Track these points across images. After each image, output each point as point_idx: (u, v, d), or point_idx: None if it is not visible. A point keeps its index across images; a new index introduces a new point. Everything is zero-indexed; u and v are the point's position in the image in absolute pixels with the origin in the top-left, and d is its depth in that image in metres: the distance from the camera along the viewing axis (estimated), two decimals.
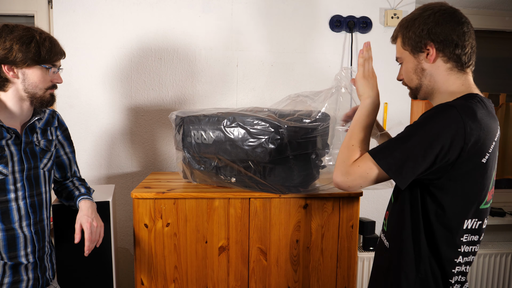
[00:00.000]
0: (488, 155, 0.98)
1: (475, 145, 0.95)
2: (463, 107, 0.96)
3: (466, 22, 1.06)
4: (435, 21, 1.04)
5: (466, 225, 1.02)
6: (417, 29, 1.07)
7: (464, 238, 1.03)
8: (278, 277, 1.55)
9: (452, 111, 0.96)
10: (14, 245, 1.23)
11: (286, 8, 2.13)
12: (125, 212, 2.13)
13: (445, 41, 1.04)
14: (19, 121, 1.27)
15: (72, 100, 2.04)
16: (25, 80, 1.22)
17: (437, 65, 1.07)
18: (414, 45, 1.08)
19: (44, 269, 1.32)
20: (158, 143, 2.13)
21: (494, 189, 1.10)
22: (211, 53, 2.11)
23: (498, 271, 2.45)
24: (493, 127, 1.00)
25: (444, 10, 1.05)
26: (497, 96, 2.48)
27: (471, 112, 0.95)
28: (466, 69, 1.07)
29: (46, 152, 1.34)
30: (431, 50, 1.06)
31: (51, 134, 1.38)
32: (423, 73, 1.09)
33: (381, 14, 2.19)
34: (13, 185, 1.22)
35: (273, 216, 1.52)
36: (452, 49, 1.05)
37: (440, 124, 0.96)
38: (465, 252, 1.04)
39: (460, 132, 0.94)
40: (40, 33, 1.23)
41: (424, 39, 1.06)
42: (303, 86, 2.17)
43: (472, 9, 2.41)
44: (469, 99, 1.00)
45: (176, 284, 1.52)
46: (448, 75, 1.07)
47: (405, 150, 0.98)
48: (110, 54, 2.04)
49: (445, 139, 0.94)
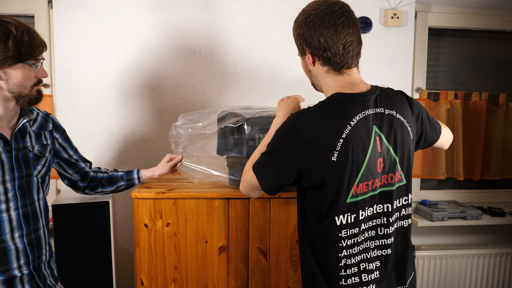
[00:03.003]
0: (336, 153, 1.02)
1: (314, 146, 1.02)
2: (297, 117, 1.06)
3: (336, 24, 1.06)
4: (306, 26, 1.08)
5: (339, 221, 1.07)
6: (295, 32, 1.13)
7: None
8: (278, 277, 1.56)
9: (287, 121, 1.08)
10: (5, 258, 1.16)
11: (286, 8, 2.13)
12: (125, 212, 2.13)
13: (316, 46, 1.08)
14: (6, 123, 1.20)
15: (72, 100, 2.04)
16: (8, 80, 1.14)
17: (317, 68, 1.13)
18: (298, 47, 1.16)
19: (43, 278, 1.26)
20: (158, 143, 2.13)
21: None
22: (211, 53, 2.11)
23: (498, 271, 2.45)
24: (335, 125, 1.02)
25: (316, 14, 1.07)
26: (497, 96, 2.48)
27: (301, 119, 1.05)
28: (342, 70, 1.10)
29: (40, 158, 1.26)
30: (308, 55, 1.12)
31: (45, 139, 1.31)
32: (311, 74, 1.18)
33: (381, 14, 2.19)
34: (4, 195, 1.14)
35: (273, 216, 1.53)
36: (322, 53, 1.08)
37: (282, 134, 1.08)
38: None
39: (297, 140, 1.03)
40: (16, 26, 1.12)
41: (302, 44, 1.12)
42: (303, 86, 2.17)
43: (472, 9, 2.41)
44: (322, 102, 1.08)
45: (176, 284, 1.52)
46: (326, 77, 1.13)
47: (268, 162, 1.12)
48: (110, 54, 2.04)
49: (288, 149, 1.05)
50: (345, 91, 1.08)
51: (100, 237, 1.53)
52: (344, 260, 1.08)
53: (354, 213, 1.06)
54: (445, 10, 2.39)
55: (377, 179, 1.07)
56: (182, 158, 1.59)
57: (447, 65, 2.51)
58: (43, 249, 1.26)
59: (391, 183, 1.10)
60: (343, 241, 1.07)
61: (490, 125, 2.48)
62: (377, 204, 1.09)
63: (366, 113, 1.05)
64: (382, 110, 1.07)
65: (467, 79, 2.54)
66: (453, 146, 2.42)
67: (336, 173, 1.03)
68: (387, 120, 1.07)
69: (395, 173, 1.10)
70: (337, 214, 1.06)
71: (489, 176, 2.52)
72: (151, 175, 1.57)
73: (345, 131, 1.02)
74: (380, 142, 1.06)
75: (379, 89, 1.12)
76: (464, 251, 2.42)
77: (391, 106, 1.09)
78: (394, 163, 1.09)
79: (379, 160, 1.06)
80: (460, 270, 2.43)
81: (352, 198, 1.05)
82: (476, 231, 2.56)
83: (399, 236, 1.14)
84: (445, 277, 2.43)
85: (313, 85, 1.21)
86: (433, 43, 2.44)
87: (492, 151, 2.50)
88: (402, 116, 1.10)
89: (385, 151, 1.07)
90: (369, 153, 1.05)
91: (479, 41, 2.52)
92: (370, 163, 1.05)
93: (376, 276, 1.10)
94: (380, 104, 1.08)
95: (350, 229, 1.07)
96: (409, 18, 2.22)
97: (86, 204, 1.51)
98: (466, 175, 2.47)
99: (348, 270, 1.08)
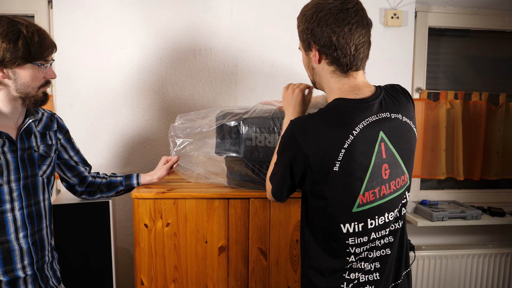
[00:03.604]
0: (338, 163, 0.98)
1: (314, 156, 0.99)
2: (296, 125, 1.03)
3: (350, 23, 0.99)
4: (317, 21, 1.01)
5: (345, 229, 1.04)
6: (303, 26, 1.05)
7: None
8: (278, 277, 1.56)
9: (287, 129, 1.05)
10: (10, 258, 1.15)
11: (286, 8, 2.13)
12: (125, 212, 2.13)
13: (326, 44, 1.02)
14: (12, 124, 1.20)
15: (72, 100, 2.04)
16: (16, 80, 1.14)
17: (322, 66, 1.07)
18: (304, 42, 1.08)
19: (46, 279, 1.25)
20: (158, 143, 2.13)
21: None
22: (211, 53, 2.11)
23: (498, 271, 2.45)
24: (337, 135, 0.98)
25: (329, 9, 1.00)
26: (497, 96, 2.48)
27: (301, 129, 1.01)
28: (349, 72, 1.04)
29: (45, 158, 1.27)
30: (315, 51, 1.05)
31: (50, 139, 1.31)
32: (314, 72, 1.11)
33: (381, 14, 2.19)
34: (9, 195, 1.15)
35: (273, 216, 1.53)
36: (332, 52, 1.02)
37: (283, 142, 1.06)
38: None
39: (297, 148, 1.01)
40: (27, 26, 1.13)
41: (309, 39, 1.05)
42: None
43: (472, 9, 2.41)
44: (323, 109, 1.04)
45: (176, 284, 1.52)
46: (330, 77, 1.07)
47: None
48: (110, 54, 2.04)
49: (289, 156, 1.04)
50: (348, 96, 1.03)
51: (100, 237, 1.53)
52: (350, 264, 1.06)
53: (362, 222, 1.03)
54: (445, 10, 2.39)
55: (383, 186, 1.03)
56: (178, 158, 1.59)
57: (447, 65, 2.51)
58: (46, 250, 1.26)
59: (399, 188, 1.07)
60: (350, 248, 1.05)
61: (490, 125, 2.48)
62: (388, 212, 1.06)
63: (369, 120, 1.00)
64: (388, 115, 1.03)
65: (467, 79, 2.54)
66: (453, 146, 2.42)
67: (338, 183, 0.99)
68: (393, 125, 1.03)
69: (401, 177, 1.06)
70: (343, 222, 1.03)
71: (489, 176, 2.52)
72: (150, 179, 1.59)
73: (347, 141, 0.98)
74: (384, 148, 1.02)
75: (383, 91, 1.07)
76: (464, 251, 2.42)
77: (396, 109, 1.05)
78: (399, 167, 1.05)
79: (384, 166, 1.02)
80: (460, 270, 2.43)
81: (359, 207, 1.01)
82: (476, 231, 2.56)
83: (397, 236, 1.12)
84: (445, 277, 2.43)
85: (313, 83, 1.16)
86: (433, 43, 2.44)
87: (492, 151, 2.50)
88: (408, 118, 1.06)
89: (390, 156, 1.03)
90: (373, 160, 1.00)
91: (479, 41, 2.52)
92: (375, 171, 1.01)
93: (376, 277, 1.09)
94: (385, 108, 1.03)
95: (359, 237, 1.04)
96: (409, 18, 2.22)
97: (86, 204, 1.51)
98: (466, 175, 2.47)
99: (352, 275, 1.06)
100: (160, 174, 1.59)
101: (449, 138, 2.42)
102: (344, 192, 1.00)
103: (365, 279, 1.08)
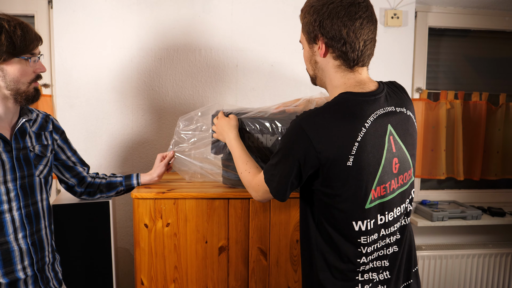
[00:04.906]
0: (352, 157, 0.96)
1: (326, 151, 0.96)
2: (305, 119, 0.98)
3: (361, 17, 0.98)
4: (328, 13, 0.98)
5: (357, 226, 1.02)
6: (311, 18, 1.02)
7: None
8: (278, 277, 1.55)
9: (294, 124, 1.00)
10: (10, 259, 1.14)
11: (286, 8, 2.13)
12: (125, 212, 2.13)
13: (335, 37, 0.99)
14: (6, 124, 1.19)
15: (72, 100, 2.04)
16: (5, 77, 1.13)
17: (327, 60, 1.04)
18: (309, 35, 1.05)
19: (46, 280, 1.24)
20: (158, 143, 2.13)
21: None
22: (211, 53, 2.11)
23: (498, 271, 2.45)
24: (349, 128, 0.96)
25: (340, 2, 0.98)
26: (497, 96, 2.48)
27: (311, 122, 0.97)
28: (355, 67, 1.03)
29: (41, 158, 1.26)
30: (321, 44, 1.02)
31: (46, 139, 1.31)
32: (316, 66, 1.08)
33: (381, 14, 2.19)
34: (6, 196, 1.14)
35: (273, 216, 1.52)
36: (341, 46, 1.00)
37: (289, 138, 1.01)
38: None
39: (307, 144, 0.96)
40: (8, 21, 1.12)
41: (316, 31, 1.02)
42: (303, 86, 2.17)
43: (472, 9, 2.41)
44: (330, 103, 1.01)
45: (176, 284, 1.52)
46: (335, 72, 1.04)
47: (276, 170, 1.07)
48: (110, 54, 2.04)
49: (298, 154, 0.99)
50: (355, 90, 1.01)
51: (100, 237, 1.53)
52: (363, 266, 1.04)
53: (373, 219, 1.01)
54: (445, 10, 2.39)
55: (393, 180, 1.02)
56: (174, 153, 1.60)
57: (447, 65, 2.51)
58: (45, 250, 1.25)
59: (405, 183, 1.06)
60: (362, 248, 1.03)
61: (490, 125, 2.48)
62: (396, 207, 1.04)
63: (378, 112, 0.99)
64: (393, 108, 1.02)
65: (467, 79, 2.54)
66: (453, 146, 2.42)
67: (352, 178, 0.97)
68: (399, 118, 1.03)
69: (408, 171, 1.06)
70: (355, 219, 1.01)
71: (489, 176, 2.52)
72: (150, 178, 1.60)
73: (360, 134, 0.95)
74: (394, 141, 1.01)
75: (386, 86, 1.07)
76: (464, 251, 2.42)
77: (400, 103, 1.05)
78: (407, 161, 1.05)
79: (395, 160, 1.01)
80: (460, 270, 2.43)
81: (371, 203, 1.00)
82: (476, 231, 2.56)
83: (406, 233, 1.10)
84: (445, 277, 2.43)
85: (313, 78, 1.12)
86: (433, 43, 2.44)
87: (492, 151, 2.50)
88: (411, 112, 1.07)
89: (399, 150, 1.02)
90: (385, 154, 0.99)
91: (479, 41, 2.52)
92: (386, 165, 1.00)
93: (386, 276, 1.07)
94: (390, 102, 1.02)
95: (370, 235, 1.02)
96: (409, 18, 2.22)
97: (86, 204, 1.51)
98: (466, 175, 2.47)
99: (366, 275, 1.04)
100: (159, 171, 1.59)
101: (449, 138, 2.42)
102: (357, 188, 0.98)
103: (377, 279, 1.06)
